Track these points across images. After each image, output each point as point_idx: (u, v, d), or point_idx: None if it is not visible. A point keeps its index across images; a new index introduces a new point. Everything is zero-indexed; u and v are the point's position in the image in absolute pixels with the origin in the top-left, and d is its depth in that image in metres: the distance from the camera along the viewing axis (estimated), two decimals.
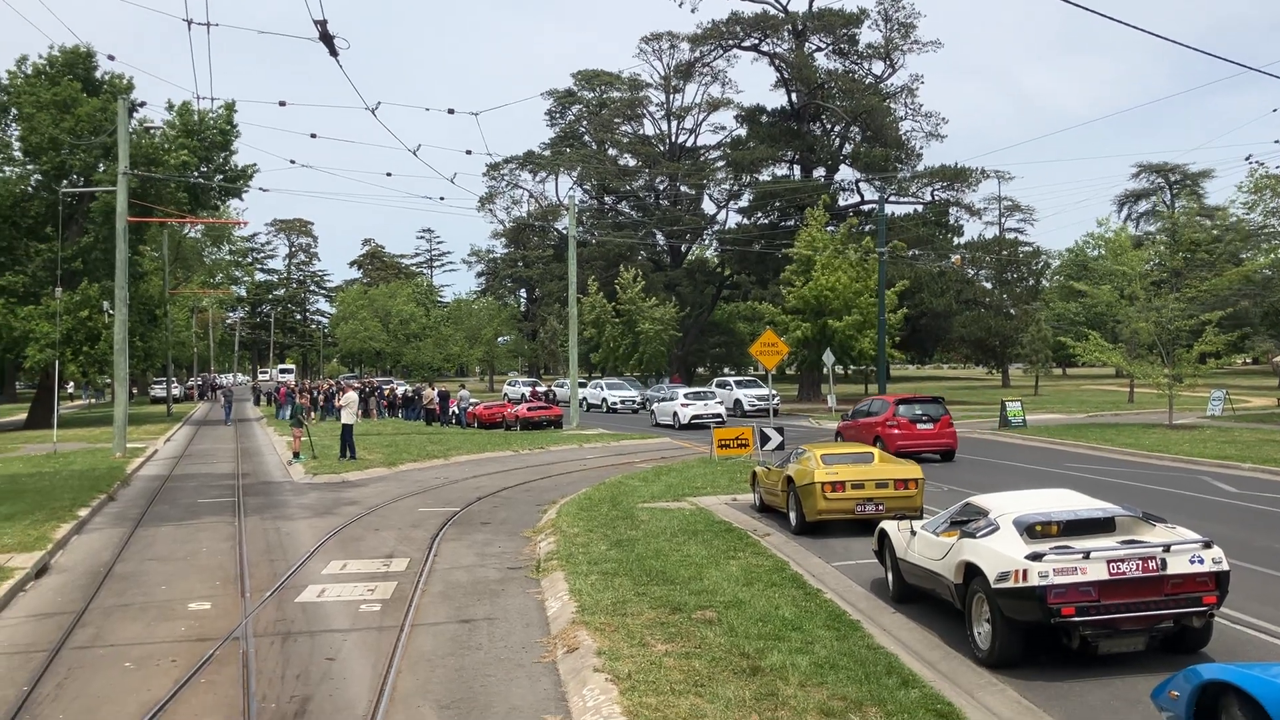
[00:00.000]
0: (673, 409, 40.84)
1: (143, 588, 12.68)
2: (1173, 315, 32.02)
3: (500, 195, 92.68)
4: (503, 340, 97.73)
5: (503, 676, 8.84)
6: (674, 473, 22.54)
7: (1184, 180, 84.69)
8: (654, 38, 79.79)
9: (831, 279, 48.77)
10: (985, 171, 69.37)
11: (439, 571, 13.21)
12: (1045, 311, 67.67)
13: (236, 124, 46.56)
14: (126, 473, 25.27)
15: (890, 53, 70.48)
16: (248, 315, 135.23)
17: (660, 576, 11.63)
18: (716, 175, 79.58)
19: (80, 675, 9.16)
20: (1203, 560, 8.25)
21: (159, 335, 57.00)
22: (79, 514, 17.92)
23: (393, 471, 25.48)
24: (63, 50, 45.42)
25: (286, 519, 18.12)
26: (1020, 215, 79.45)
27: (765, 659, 8.48)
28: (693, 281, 78.34)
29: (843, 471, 14.68)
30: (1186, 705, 6.13)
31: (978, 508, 9.68)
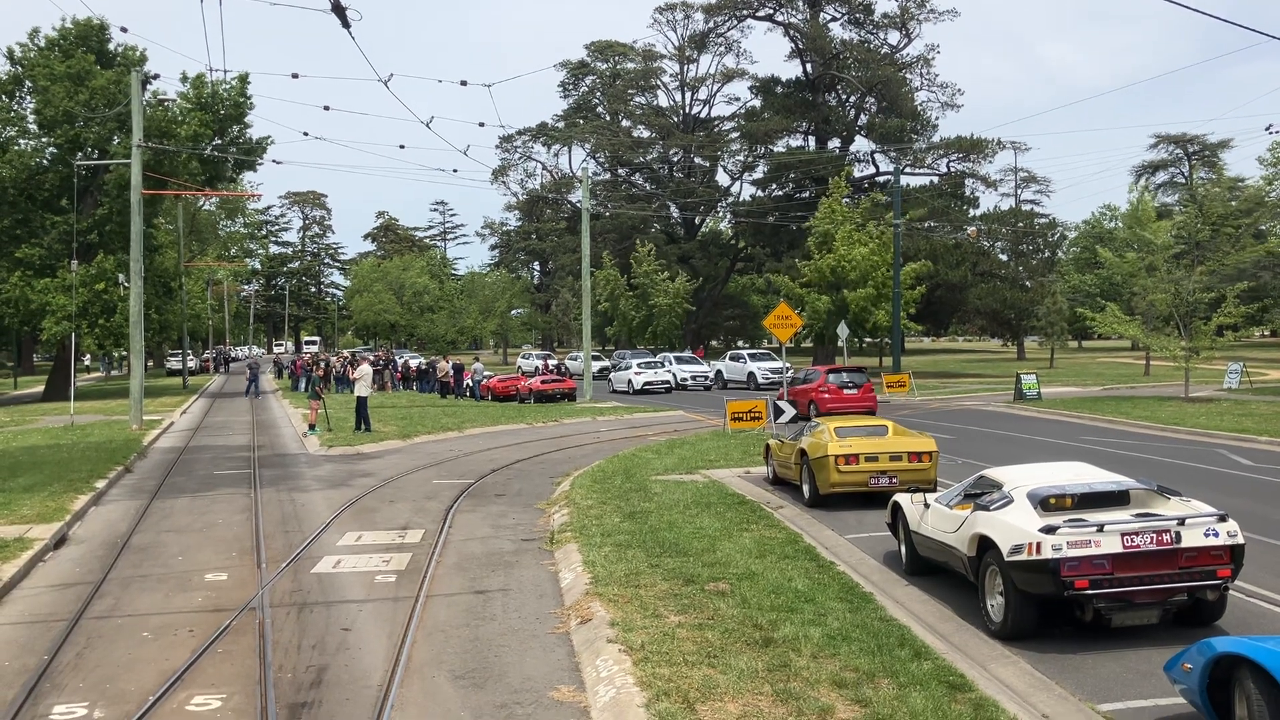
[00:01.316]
0: (627, 377, 46.51)
1: (160, 559, 12.79)
2: (1193, 287, 31.81)
3: (513, 167, 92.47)
4: (516, 313, 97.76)
5: (517, 647, 8.90)
6: (687, 445, 22.57)
7: (1202, 151, 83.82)
8: (668, 8, 79.35)
9: (853, 251, 48.58)
10: (1001, 142, 68.80)
11: (453, 543, 13.28)
12: (1061, 284, 67.27)
13: (250, 96, 46.55)
14: (143, 445, 25.45)
15: (906, 22, 69.88)
16: (262, 288, 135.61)
17: (673, 548, 11.67)
18: (730, 147, 79.27)
19: (99, 644, 9.25)
20: (1218, 534, 8.23)
21: (174, 308, 57.25)
22: (96, 486, 18.07)
23: (407, 444, 25.59)
24: (75, 22, 45.40)
25: (302, 491, 18.23)
26: (1036, 187, 78.66)
27: (778, 630, 8.51)
28: (706, 254, 78.19)
29: (856, 444, 14.67)
30: (1200, 678, 6.14)
31: (992, 480, 9.67)
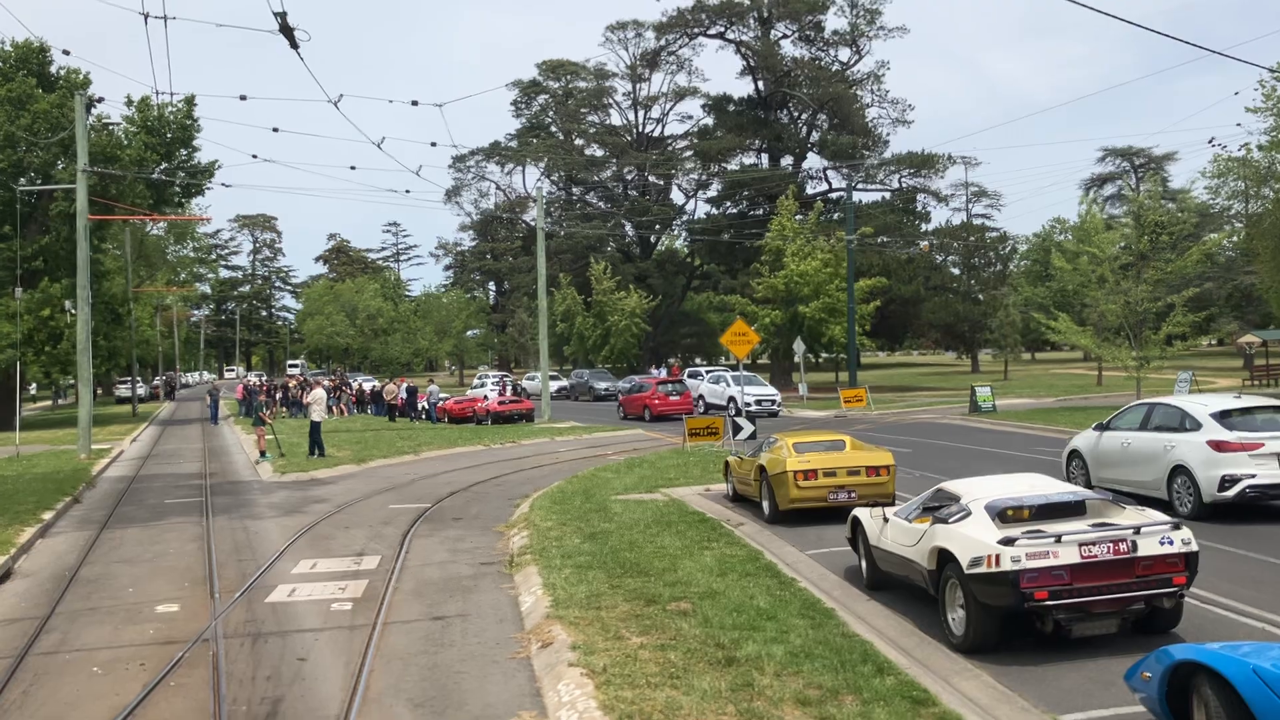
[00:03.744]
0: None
1: (110, 591, 12.50)
2: (1140, 297, 32.30)
3: (467, 188, 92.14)
4: (472, 334, 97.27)
5: (477, 673, 8.78)
6: (647, 464, 22.51)
7: (1149, 164, 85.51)
8: (619, 26, 79.77)
9: (802, 266, 48.87)
10: (952, 158, 69.79)
11: (411, 569, 13.11)
12: (1013, 296, 68.17)
13: (197, 119, 45.99)
14: (92, 474, 24.94)
15: (856, 39, 70.71)
16: (213, 313, 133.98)
17: (634, 569, 11.59)
18: (684, 165, 79.61)
19: (46, 681, 9.00)
20: (1172, 541, 8.30)
21: (123, 334, 56.24)
22: (43, 517, 17.66)
23: (362, 468, 25.29)
24: (15, 45, 44.66)
25: (255, 518, 17.94)
26: (987, 201, 79.85)
27: (741, 649, 8.46)
28: (663, 272, 78.37)
29: (814, 460, 14.69)
30: (1158, 686, 6.17)
31: (949, 493, 9.70)
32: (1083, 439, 17.17)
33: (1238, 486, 13.55)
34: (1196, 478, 13.97)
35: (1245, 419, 14.23)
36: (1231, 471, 13.64)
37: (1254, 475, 13.55)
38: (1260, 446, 13.67)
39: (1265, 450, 13.62)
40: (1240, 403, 14.74)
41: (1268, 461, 13.58)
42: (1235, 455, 13.70)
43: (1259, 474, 13.55)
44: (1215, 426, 14.12)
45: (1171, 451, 14.52)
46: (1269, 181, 39.21)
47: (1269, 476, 13.56)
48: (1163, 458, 14.70)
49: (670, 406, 38.51)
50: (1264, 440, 13.72)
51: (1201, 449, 13.98)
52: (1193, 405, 14.97)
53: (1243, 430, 13.96)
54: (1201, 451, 13.97)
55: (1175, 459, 14.41)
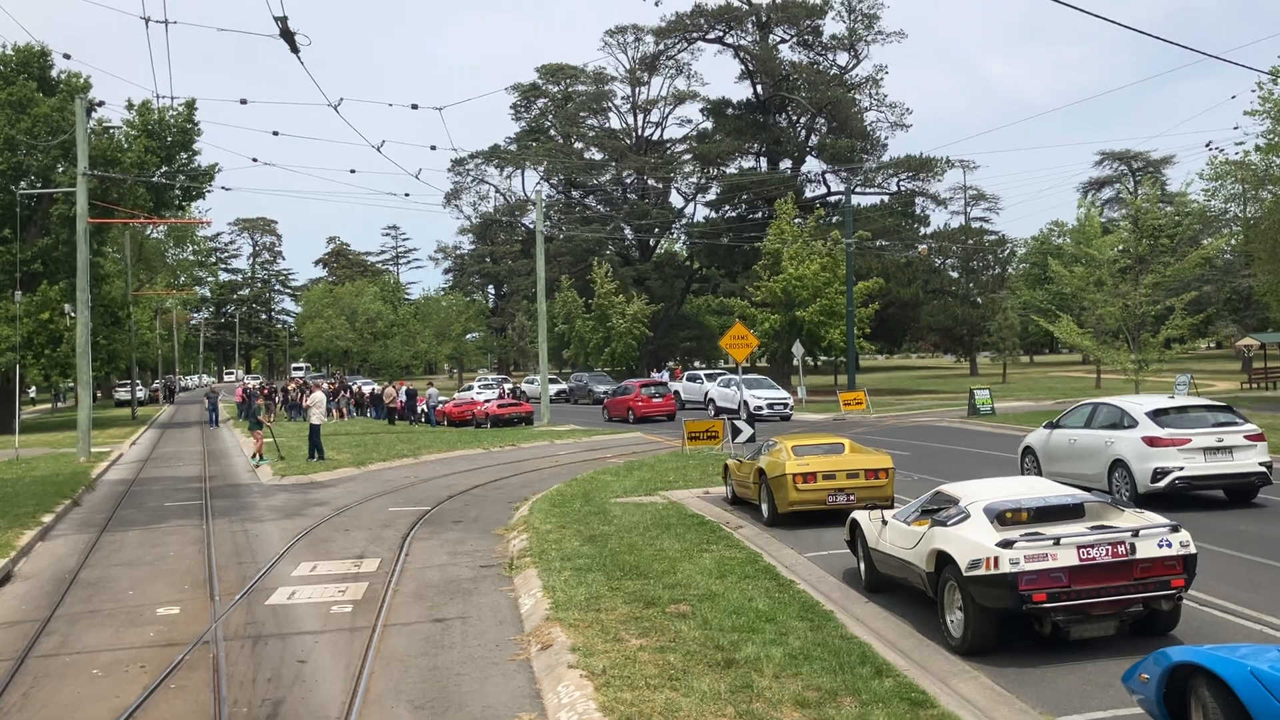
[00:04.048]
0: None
1: (110, 593, 12.52)
2: (1139, 300, 32.36)
3: (466, 191, 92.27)
4: (471, 337, 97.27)
5: (477, 675, 8.80)
6: (646, 467, 22.52)
7: (1146, 167, 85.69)
8: (618, 30, 79.83)
9: (800, 269, 48.92)
10: (950, 161, 69.84)
11: (411, 571, 13.13)
12: (1012, 299, 68.22)
13: (198, 122, 46.01)
14: (91, 477, 24.95)
15: (854, 44, 70.83)
16: (212, 316, 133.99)
17: (634, 571, 11.61)
18: (684, 169, 79.69)
19: (47, 684, 9.02)
20: (1170, 544, 8.33)
21: (122, 337, 56.23)
22: (43, 520, 17.67)
23: (362, 471, 25.31)
24: (16, 49, 44.68)
25: (255, 521, 17.95)
26: (985, 204, 79.91)
27: (740, 651, 8.48)
28: (662, 275, 78.42)
29: (814, 463, 14.71)
30: (1156, 688, 6.19)
31: (948, 496, 9.73)
32: (1035, 436, 18.41)
33: (1168, 478, 14.92)
34: (1132, 470, 15.30)
35: (1177, 417, 15.54)
36: (1163, 465, 15.00)
37: (1182, 468, 14.92)
38: (1188, 442, 15.03)
39: (1193, 445, 15.01)
40: (1173, 402, 16.24)
41: (1195, 455, 14.98)
42: (1166, 450, 15.03)
43: (1187, 466, 14.92)
44: (1150, 424, 15.41)
45: (1111, 447, 15.88)
46: (1266, 184, 39.25)
47: (1195, 469, 14.94)
48: (1104, 452, 15.99)
49: (652, 408, 40.38)
50: (1192, 436, 15.08)
51: (1137, 444, 15.35)
52: (1130, 405, 16.35)
53: (1174, 427, 15.25)
54: (1137, 447, 15.32)
55: (1115, 454, 15.76)
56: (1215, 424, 15.50)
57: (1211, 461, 15.08)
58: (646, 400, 40.79)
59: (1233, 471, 15.19)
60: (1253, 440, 15.32)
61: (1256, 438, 15.40)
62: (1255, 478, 15.22)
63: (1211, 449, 15.12)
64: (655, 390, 42.02)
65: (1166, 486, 14.94)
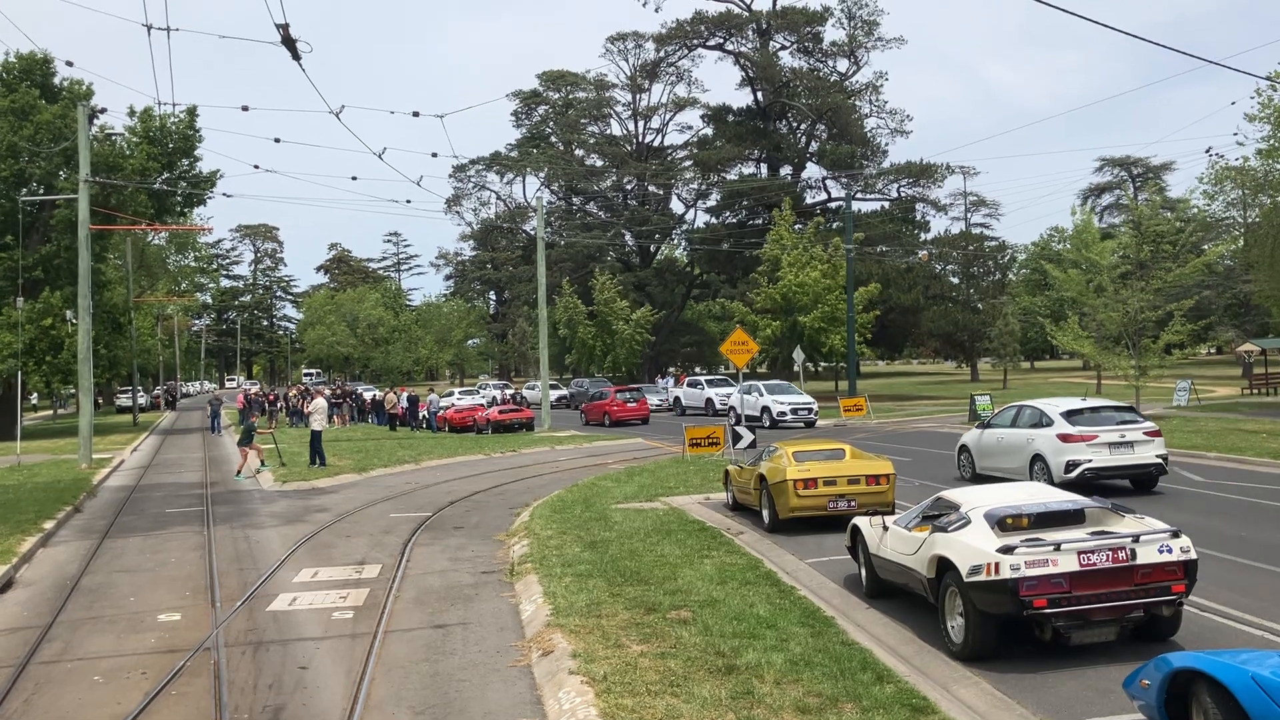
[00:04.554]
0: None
1: (111, 600, 12.52)
2: (1140, 306, 32.37)
3: (467, 197, 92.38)
4: (473, 343, 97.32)
5: (478, 681, 8.80)
6: (647, 473, 22.53)
7: (1146, 173, 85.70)
8: (619, 38, 79.92)
9: (801, 276, 48.95)
10: (950, 167, 69.98)
11: (412, 577, 13.13)
12: (1012, 305, 68.26)
13: (199, 129, 46.16)
14: (93, 484, 24.96)
15: (854, 50, 70.96)
16: (213, 322, 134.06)
17: (634, 577, 11.62)
18: (684, 175, 79.76)
19: (48, 690, 9.03)
20: (1171, 550, 8.33)
21: (124, 344, 56.30)
22: (44, 527, 17.68)
23: (363, 477, 25.31)
24: (19, 56, 44.77)
25: (256, 527, 17.96)
26: (986, 210, 79.94)
27: (740, 657, 8.48)
28: (662, 281, 78.46)
29: (814, 468, 14.71)
30: (1157, 693, 6.19)
31: (949, 502, 9.73)
32: (970, 435, 20.47)
33: (1078, 469, 16.95)
34: (1049, 463, 17.28)
35: (1088, 416, 17.59)
36: (1074, 458, 17.03)
37: (1091, 460, 17.00)
38: (1095, 438, 17.12)
39: (1099, 441, 17.09)
40: (1084, 404, 18.36)
41: (1101, 450, 17.07)
42: (1077, 445, 17.10)
43: (1095, 459, 17.01)
44: (1063, 423, 17.46)
45: (1032, 443, 17.90)
46: (1266, 189, 39.29)
47: (1102, 461, 17.03)
48: (1026, 448, 18.00)
49: (627, 412, 42.57)
50: (1098, 433, 17.16)
51: (1053, 441, 17.41)
52: (1048, 406, 18.44)
53: (1084, 425, 17.30)
54: (1053, 443, 17.38)
55: (1035, 449, 17.77)
56: (1119, 422, 17.49)
57: (1116, 455, 17.12)
58: (621, 405, 42.89)
59: (1134, 463, 17.22)
60: (1151, 436, 17.34)
61: (1154, 434, 17.45)
62: (1154, 468, 17.28)
63: (1116, 444, 17.14)
64: (630, 395, 44.08)
65: (1077, 477, 16.76)
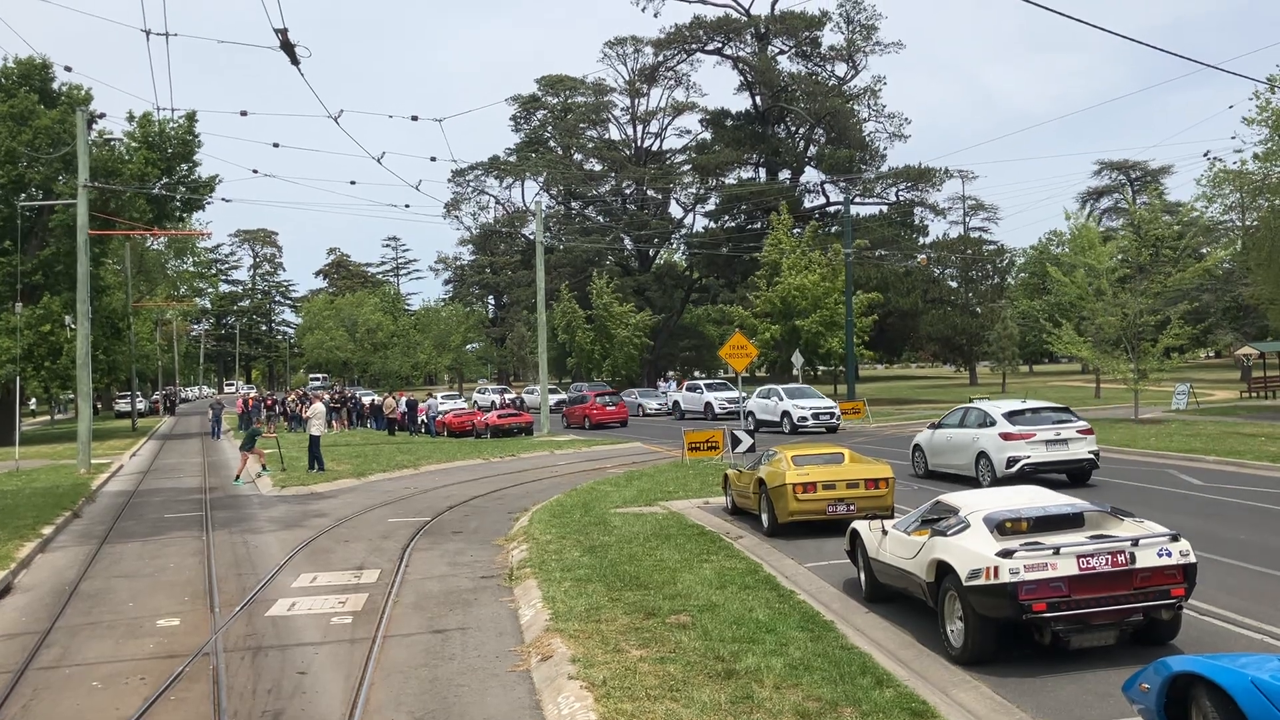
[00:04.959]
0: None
1: (110, 605, 12.51)
2: (1139, 310, 32.38)
3: (466, 201, 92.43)
4: (471, 347, 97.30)
5: (477, 686, 8.79)
6: (646, 477, 22.52)
7: (1145, 177, 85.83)
8: (617, 42, 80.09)
9: (799, 279, 48.97)
10: (949, 171, 70.07)
11: (411, 582, 13.12)
12: (1011, 309, 68.28)
13: (198, 134, 46.13)
14: (91, 489, 24.93)
15: (852, 54, 71.04)
16: (212, 327, 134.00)
17: (634, 581, 11.61)
18: (683, 179, 79.82)
19: (47, 696, 9.01)
20: (1170, 553, 8.33)
21: (122, 349, 56.23)
22: (43, 532, 17.65)
23: (362, 482, 25.30)
24: (18, 61, 44.79)
25: (255, 532, 17.94)
26: (984, 214, 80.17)
27: (740, 662, 8.48)
28: (661, 285, 78.48)
29: (814, 472, 14.71)
30: (1157, 697, 6.18)
31: (948, 506, 9.73)
32: (922, 436, 22.32)
33: (1018, 465, 18.65)
34: (992, 460, 19.05)
35: (1028, 417, 19.34)
36: (1014, 454, 18.77)
37: (1029, 456, 18.74)
38: (1033, 436, 18.91)
39: (1036, 439, 18.89)
40: (1024, 405, 20.08)
41: (1038, 447, 18.85)
42: (1017, 443, 18.87)
43: (1032, 455, 18.77)
44: (1005, 423, 19.20)
45: (977, 442, 19.63)
46: (1264, 193, 39.32)
47: (1039, 457, 18.79)
48: (972, 446, 19.77)
49: (606, 415, 44.13)
50: (1035, 431, 18.95)
51: (995, 439, 19.13)
52: (991, 408, 20.23)
53: (1023, 425, 19.09)
54: (995, 441, 19.11)
55: (979, 447, 19.50)
56: (1055, 422, 19.26)
57: (1052, 451, 18.91)
58: (600, 409, 44.46)
59: (1068, 458, 19.01)
60: (1084, 434, 19.18)
61: (1087, 431, 19.30)
62: (1086, 463, 19.08)
63: (1052, 441, 18.94)
64: (609, 399, 45.99)
65: (1017, 472, 18.40)
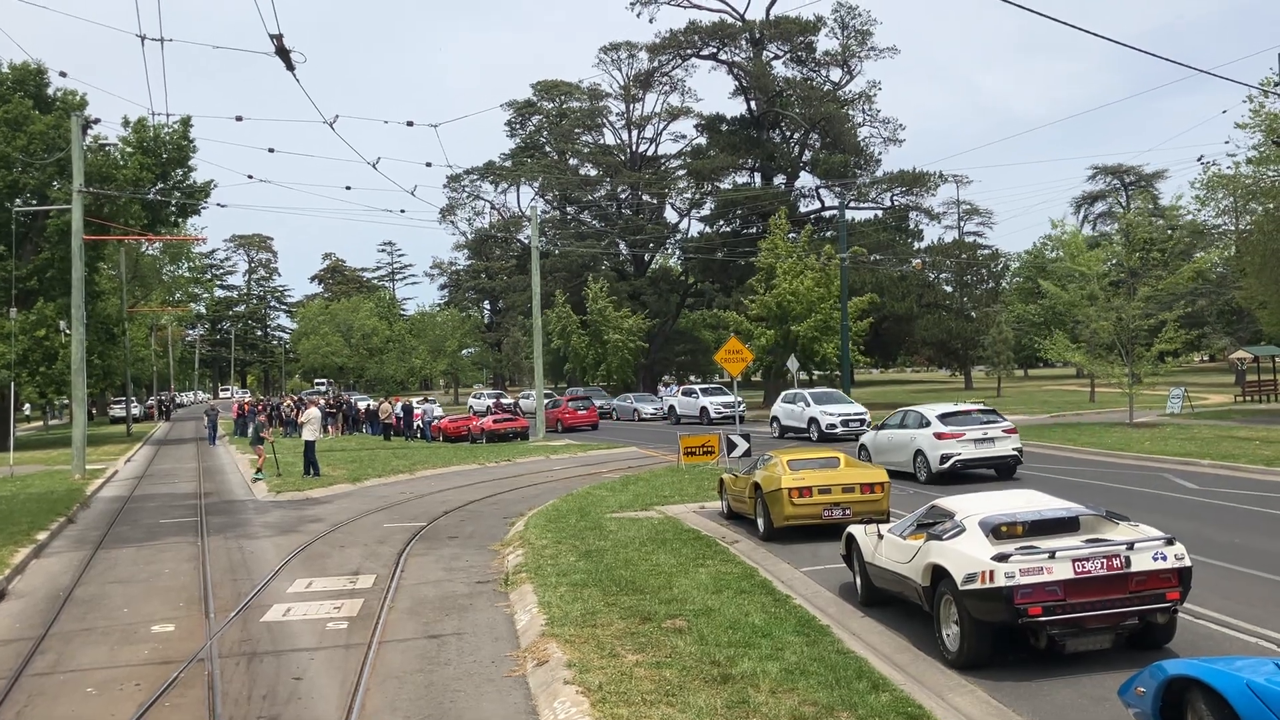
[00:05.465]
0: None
1: (104, 611, 12.48)
2: (1133, 315, 32.43)
3: (461, 207, 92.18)
4: (467, 353, 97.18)
5: (472, 691, 8.77)
6: (641, 482, 22.51)
7: (1139, 181, 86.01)
8: (612, 48, 79.92)
9: (794, 284, 48.99)
10: (944, 176, 69.94)
11: (406, 587, 13.10)
12: (1006, 313, 68.34)
13: (193, 139, 46.01)
14: (86, 494, 24.88)
15: (847, 60, 71.02)
16: (207, 332, 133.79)
17: (629, 586, 11.60)
18: (678, 184, 79.74)
19: (41, 703, 8.98)
20: (1165, 557, 8.34)
21: (117, 354, 56.14)
22: (37, 537, 17.61)
23: (357, 487, 25.26)
24: (12, 67, 44.73)
25: (250, 538, 17.91)
26: (979, 219, 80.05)
27: (736, 666, 8.47)
28: (657, 290, 78.41)
29: (809, 477, 14.71)
30: (1152, 701, 6.19)
31: (944, 510, 9.74)
32: (867, 436, 24.30)
33: (950, 461, 20.66)
34: (927, 457, 21.05)
35: (959, 418, 21.31)
36: (946, 452, 20.73)
37: (959, 453, 20.70)
38: (963, 435, 20.86)
39: (966, 438, 20.83)
40: (956, 408, 22.11)
41: (967, 445, 20.80)
42: (949, 441, 20.82)
43: (962, 452, 20.73)
44: (938, 424, 21.18)
45: (914, 441, 21.63)
46: (1257, 197, 39.42)
47: (968, 454, 20.75)
48: (910, 445, 21.74)
49: (578, 419, 46.56)
50: (965, 431, 20.91)
51: (930, 438, 21.10)
52: (927, 410, 22.22)
53: (954, 425, 21.03)
54: (930, 440, 21.09)
55: (916, 445, 21.49)
56: (983, 422, 21.22)
57: (980, 449, 20.87)
58: (572, 413, 46.78)
59: (995, 455, 21.01)
60: (1008, 433, 21.21)
61: (1011, 431, 21.36)
62: (1011, 459, 21.16)
63: (979, 439, 20.89)
64: (580, 404, 48.38)
65: (949, 467, 20.56)
